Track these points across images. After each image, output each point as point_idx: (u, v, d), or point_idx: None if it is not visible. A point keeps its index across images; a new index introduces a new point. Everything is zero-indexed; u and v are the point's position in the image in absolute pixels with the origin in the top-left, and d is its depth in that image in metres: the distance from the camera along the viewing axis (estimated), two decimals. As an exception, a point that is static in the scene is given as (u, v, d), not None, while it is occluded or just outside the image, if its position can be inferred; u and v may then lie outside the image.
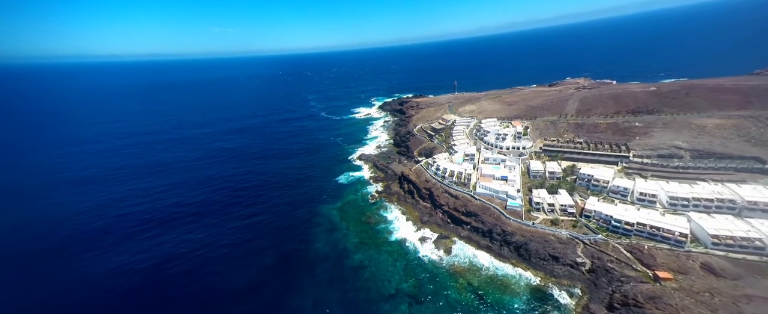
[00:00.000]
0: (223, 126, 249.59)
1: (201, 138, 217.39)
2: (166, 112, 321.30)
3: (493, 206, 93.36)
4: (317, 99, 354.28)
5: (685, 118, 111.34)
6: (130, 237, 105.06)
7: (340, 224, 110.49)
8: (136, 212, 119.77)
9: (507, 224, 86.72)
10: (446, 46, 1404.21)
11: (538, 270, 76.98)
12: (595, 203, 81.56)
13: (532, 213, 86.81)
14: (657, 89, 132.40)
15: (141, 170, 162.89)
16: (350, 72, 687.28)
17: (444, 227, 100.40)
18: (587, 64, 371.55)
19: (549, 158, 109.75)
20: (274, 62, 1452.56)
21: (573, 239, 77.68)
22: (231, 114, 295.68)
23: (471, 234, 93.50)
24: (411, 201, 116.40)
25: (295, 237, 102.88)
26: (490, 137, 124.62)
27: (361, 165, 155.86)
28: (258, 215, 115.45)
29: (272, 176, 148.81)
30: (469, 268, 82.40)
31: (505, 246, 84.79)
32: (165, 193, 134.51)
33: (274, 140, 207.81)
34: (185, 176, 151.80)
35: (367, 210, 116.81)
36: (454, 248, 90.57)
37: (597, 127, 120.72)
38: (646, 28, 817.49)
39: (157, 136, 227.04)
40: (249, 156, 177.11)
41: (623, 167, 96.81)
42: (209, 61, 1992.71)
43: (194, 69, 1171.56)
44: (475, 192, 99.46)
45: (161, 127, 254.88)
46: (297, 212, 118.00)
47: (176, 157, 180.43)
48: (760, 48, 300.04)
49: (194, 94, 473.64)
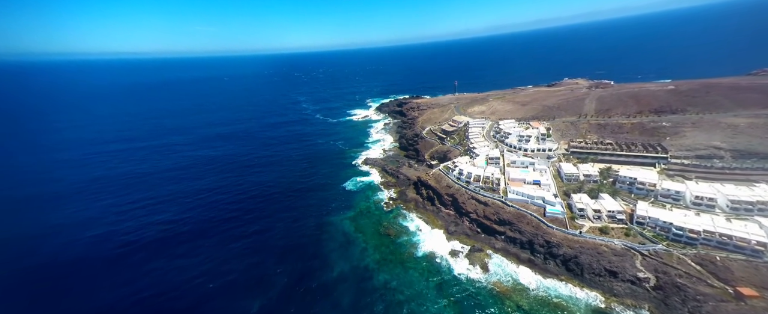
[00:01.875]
0: (208, 131, 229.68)
1: (184, 145, 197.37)
2: (143, 115, 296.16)
3: (529, 213, 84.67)
4: (309, 101, 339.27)
5: (712, 117, 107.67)
6: (111, 264, 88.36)
7: (356, 237, 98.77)
8: (116, 234, 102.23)
9: (550, 234, 78.08)
10: (433, 48, 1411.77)
11: (593, 288, 68.44)
12: (648, 208, 74.30)
13: (575, 221, 78.65)
14: (675, 88, 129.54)
15: (118, 182, 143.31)
16: (340, 72, 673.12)
17: (474, 237, 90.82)
18: (577, 65, 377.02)
19: (578, 160, 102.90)
20: (258, 62, 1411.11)
21: (629, 250, 69.80)
22: (216, 118, 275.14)
23: (507, 246, 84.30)
24: (431, 209, 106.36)
25: (306, 256, 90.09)
26: (511, 139, 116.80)
27: (369, 170, 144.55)
28: (261, 232, 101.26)
29: (271, 186, 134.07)
30: (513, 287, 72.86)
31: (551, 259, 76.01)
32: (148, 209, 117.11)
33: (267, 146, 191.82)
34: (170, 189, 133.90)
35: (384, 220, 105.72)
36: (490, 263, 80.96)
37: (621, 127, 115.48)
38: (623, 33, 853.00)
39: (135, 143, 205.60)
40: (241, 165, 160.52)
41: (663, 168, 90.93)
42: (189, 60, 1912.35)
43: (173, 68, 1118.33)
44: (506, 198, 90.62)
45: (138, 132, 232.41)
46: (305, 225, 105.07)
47: (158, 167, 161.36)
48: (732, 52, 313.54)
49: (173, 95, 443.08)
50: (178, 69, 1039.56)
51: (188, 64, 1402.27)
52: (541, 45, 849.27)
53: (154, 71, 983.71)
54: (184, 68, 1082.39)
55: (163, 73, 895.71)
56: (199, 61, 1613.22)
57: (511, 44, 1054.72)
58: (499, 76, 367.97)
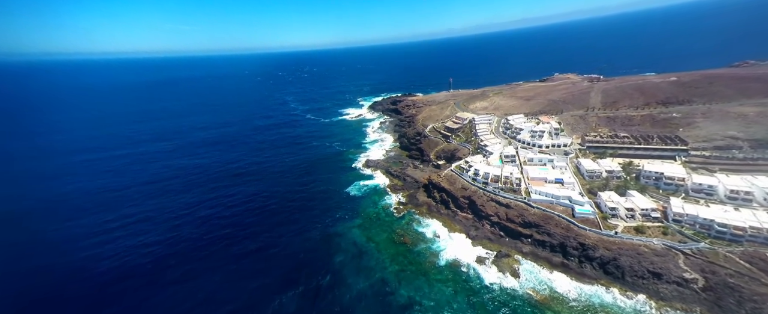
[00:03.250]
0: (192, 137, 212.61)
1: (166, 153, 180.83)
2: (119, 120, 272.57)
3: (556, 214, 79.71)
4: (297, 101, 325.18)
5: (720, 107, 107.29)
6: (91, 297, 75.70)
7: (368, 247, 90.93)
8: (95, 259, 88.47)
9: (583, 236, 73.30)
10: (417, 47, 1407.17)
11: (638, 292, 64.02)
12: (683, 205, 70.85)
13: (608, 221, 74.28)
14: (678, 79, 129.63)
15: (94, 198, 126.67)
16: (325, 72, 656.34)
17: (498, 242, 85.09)
18: (564, 62, 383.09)
19: (595, 155, 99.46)
20: (239, 61, 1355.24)
21: (670, 249, 65.88)
22: (198, 121, 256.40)
23: (536, 250, 79.01)
24: (446, 212, 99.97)
25: (316, 273, 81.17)
26: (524, 135, 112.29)
27: (372, 173, 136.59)
28: (261, 250, 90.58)
29: (266, 197, 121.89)
30: (551, 296, 67.43)
31: (587, 262, 71.18)
32: (130, 229, 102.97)
33: (258, 151, 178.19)
34: (153, 204, 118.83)
35: (397, 227, 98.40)
36: (521, 269, 75.35)
37: (631, 119, 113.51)
38: (600, 31, 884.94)
39: (112, 151, 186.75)
40: (231, 174, 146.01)
41: (684, 161, 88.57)
42: (164, 60, 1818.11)
43: (147, 69, 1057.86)
44: (529, 199, 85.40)
45: (115, 139, 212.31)
46: (310, 238, 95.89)
47: (138, 179, 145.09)
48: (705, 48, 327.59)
49: (150, 98, 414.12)
50: (152, 70, 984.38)
51: (164, 64, 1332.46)
52: (527, 43, 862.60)
53: (128, 72, 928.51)
54: (159, 69, 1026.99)
55: (138, 74, 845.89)
56: (174, 62, 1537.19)
57: (497, 43, 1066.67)
58: (490, 73, 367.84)
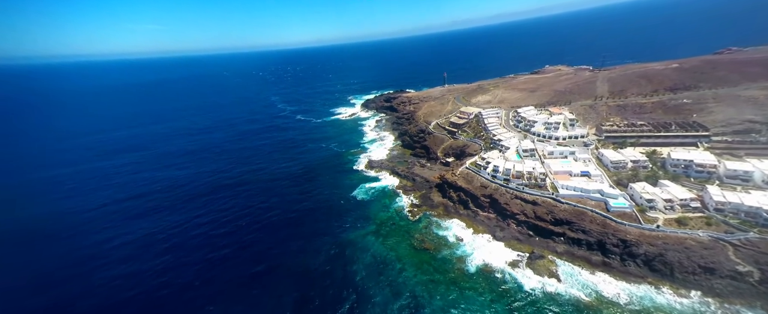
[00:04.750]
0: (171, 146, 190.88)
1: (142, 166, 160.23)
2: (86, 128, 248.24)
3: (589, 209, 75.09)
4: (284, 101, 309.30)
5: (727, 91, 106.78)
6: None
7: (388, 255, 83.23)
8: (69, 300, 75.53)
9: (623, 232, 68.84)
10: (396, 44, 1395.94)
11: (690, 289, 60.02)
12: (723, 193, 67.76)
13: (646, 214, 70.25)
14: (680, 66, 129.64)
15: (63, 222, 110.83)
16: (309, 71, 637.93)
17: (528, 242, 79.65)
18: (546, 54, 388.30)
19: (615, 145, 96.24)
20: (214, 62, 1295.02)
21: (717, 241, 62.38)
22: (176, 128, 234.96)
23: (572, 249, 74.03)
24: (465, 213, 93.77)
25: (336, 290, 72.90)
26: (538, 127, 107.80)
27: (376, 174, 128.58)
28: (271, 270, 79.79)
29: (267, 208, 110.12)
30: (598, 299, 62.35)
31: (631, 260, 66.71)
32: (110, 258, 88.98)
33: (249, 157, 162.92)
34: (135, 227, 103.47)
35: (414, 231, 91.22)
36: (559, 271, 70.06)
37: (642, 107, 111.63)
38: (575, 26, 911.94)
39: (77, 166, 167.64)
40: (222, 185, 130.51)
41: (706, 147, 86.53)
42: (134, 62, 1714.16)
43: (118, 72, 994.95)
44: (557, 195, 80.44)
45: (84, 152, 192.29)
46: (321, 251, 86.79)
47: (114, 196, 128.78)
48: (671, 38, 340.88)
49: (117, 104, 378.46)
50: (120, 73, 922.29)
51: (134, 67, 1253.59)
52: (505, 38, 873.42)
53: (96, 76, 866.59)
54: (129, 72, 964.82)
55: (107, 78, 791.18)
56: (148, 64, 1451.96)
57: (471, 39, 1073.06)
58: (476, 68, 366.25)
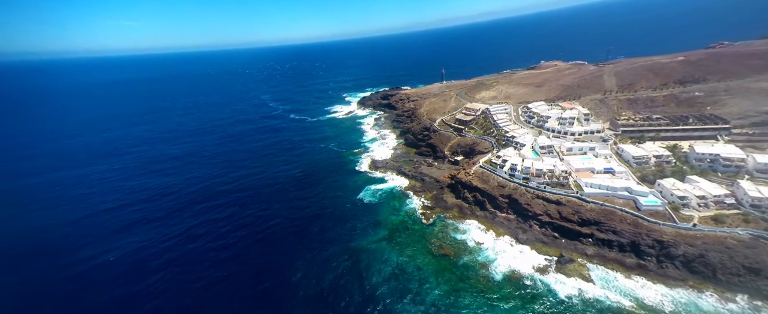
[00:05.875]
0: (153, 150, 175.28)
1: (124, 172, 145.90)
2: (57, 130, 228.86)
3: (619, 208, 71.13)
4: (275, 100, 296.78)
5: (737, 84, 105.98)
6: None
7: (405, 263, 77.19)
8: None
9: (658, 232, 65.05)
10: (384, 42, 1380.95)
11: (736, 292, 56.66)
12: (757, 187, 64.97)
13: (680, 212, 66.81)
14: (686, 59, 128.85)
15: (34, 238, 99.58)
16: (298, 68, 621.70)
17: (554, 245, 75.21)
18: (537, 49, 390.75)
19: (633, 140, 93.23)
20: (195, 60, 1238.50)
21: (758, 239, 59.30)
22: (153, 130, 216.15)
23: (602, 251, 69.94)
24: (482, 214, 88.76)
25: (355, 306, 66.22)
26: (552, 123, 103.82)
27: (382, 175, 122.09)
28: (280, 286, 71.95)
29: (269, 217, 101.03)
30: (640, 305, 58.17)
31: (668, 261, 62.99)
32: (94, 278, 79.08)
33: (244, 161, 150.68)
34: (120, 241, 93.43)
35: (430, 235, 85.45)
36: (592, 276, 65.75)
37: (654, 101, 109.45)
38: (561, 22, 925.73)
39: (52, 174, 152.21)
40: (217, 192, 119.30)
41: (727, 140, 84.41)
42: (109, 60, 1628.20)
43: (91, 70, 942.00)
44: (582, 193, 76.29)
45: (56, 159, 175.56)
46: (332, 260, 79.99)
47: (94, 207, 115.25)
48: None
49: (91, 104, 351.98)
50: (94, 71, 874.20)
51: (109, 64, 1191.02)
52: (496, 35, 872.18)
53: (66, 74, 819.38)
54: (103, 70, 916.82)
55: (79, 75, 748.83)
56: (124, 61, 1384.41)
57: (461, 36, 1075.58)
58: (474, 64, 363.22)
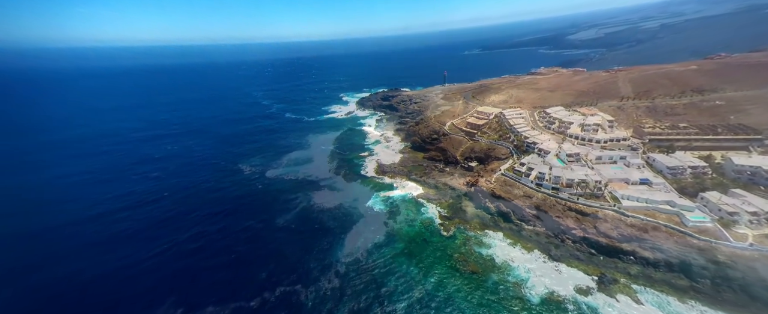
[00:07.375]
0: (132, 152, 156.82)
1: (100, 175, 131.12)
2: (12, 128, 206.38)
3: (662, 224, 65.40)
4: (269, 98, 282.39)
5: (757, 93, 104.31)
6: None
7: (426, 281, 69.06)
8: None
9: (711, 251, 59.49)
10: (377, 43, 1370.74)
11: (806, 320, 51.41)
12: (811, 204, 60.71)
13: (731, 229, 61.61)
14: (699, 68, 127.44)
15: None
16: (289, 66, 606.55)
17: (591, 262, 68.66)
18: (529, 58, 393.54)
19: (661, 149, 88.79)
20: (183, 53, 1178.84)
21: (821, 261, 54.60)
22: (136, 128, 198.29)
23: (647, 271, 63.70)
24: (507, 226, 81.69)
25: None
26: (574, 129, 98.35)
27: (390, 181, 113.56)
28: (291, 308, 63.37)
29: (271, 230, 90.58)
30: (702, 335, 52.13)
31: (725, 285, 57.29)
32: (69, 303, 67.70)
33: (237, 163, 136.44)
34: (101, 257, 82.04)
35: (452, 250, 77.56)
36: (641, 298, 59.41)
37: (673, 108, 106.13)
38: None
39: (16, 177, 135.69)
40: (209, 201, 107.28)
41: (761, 151, 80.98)
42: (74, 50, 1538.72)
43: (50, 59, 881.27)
44: (620, 207, 70.33)
45: (13, 160, 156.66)
46: (347, 277, 71.38)
47: (70, 217, 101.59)
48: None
49: (57, 98, 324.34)
50: (58, 60, 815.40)
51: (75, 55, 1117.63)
52: (484, 41, 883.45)
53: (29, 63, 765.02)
54: (68, 60, 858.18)
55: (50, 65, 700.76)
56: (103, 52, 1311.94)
57: (458, 39, 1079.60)
58: (471, 68, 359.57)
